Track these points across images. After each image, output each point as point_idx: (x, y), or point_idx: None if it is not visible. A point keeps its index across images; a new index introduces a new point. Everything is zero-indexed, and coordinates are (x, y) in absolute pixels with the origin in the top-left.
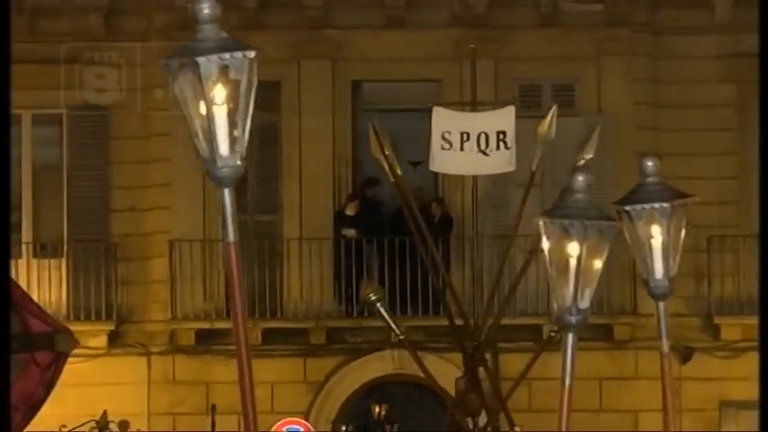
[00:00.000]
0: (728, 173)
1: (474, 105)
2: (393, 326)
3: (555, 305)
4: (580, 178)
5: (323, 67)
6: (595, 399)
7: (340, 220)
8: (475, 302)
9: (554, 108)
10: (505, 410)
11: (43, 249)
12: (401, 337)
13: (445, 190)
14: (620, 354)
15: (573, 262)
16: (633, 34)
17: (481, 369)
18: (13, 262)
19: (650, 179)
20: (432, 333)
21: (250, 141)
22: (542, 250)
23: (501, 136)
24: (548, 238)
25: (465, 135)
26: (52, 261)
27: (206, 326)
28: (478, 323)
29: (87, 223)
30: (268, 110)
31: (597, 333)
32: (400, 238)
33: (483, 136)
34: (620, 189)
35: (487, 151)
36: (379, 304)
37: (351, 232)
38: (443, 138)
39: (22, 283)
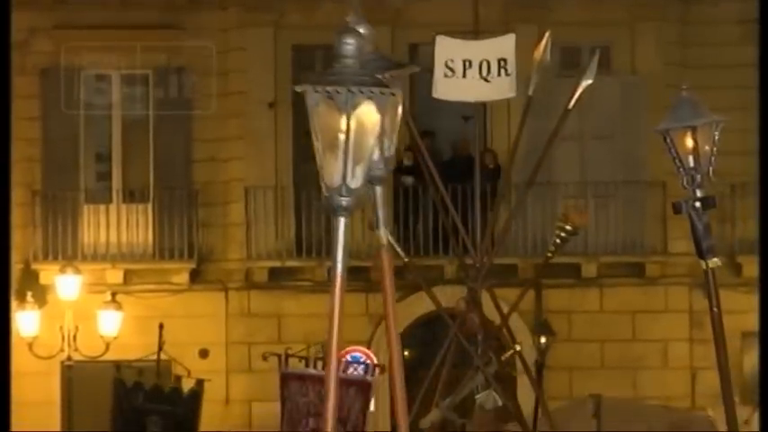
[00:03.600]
0: (749, 126)
1: (476, 34)
2: (398, 249)
3: (323, 185)
4: (348, 41)
5: (383, 32)
6: (629, 330)
7: (398, 169)
8: (473, 236)
9: (548, 34)
10: (508, 330)
11: (132, 195)
12: (406, 260)
13: (494, 141)
14: (651, 289)
15: (341, 136)
16: (664, 1)
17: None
18: (103, 207)
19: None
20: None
21: None
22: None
23: (502, 63)
24: (312, 110)
25: (467, 63)
26: (140, 206)
27: (278, 264)
28: (483, 253)
29: (171, 172)
30: None
31: (630, 270)
32: (452, 184)
33: (485, 63)
34: (652, 143)
35: (489, 78)
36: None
37: (408, 180)
38: (446, 66)
39: (113, 226)
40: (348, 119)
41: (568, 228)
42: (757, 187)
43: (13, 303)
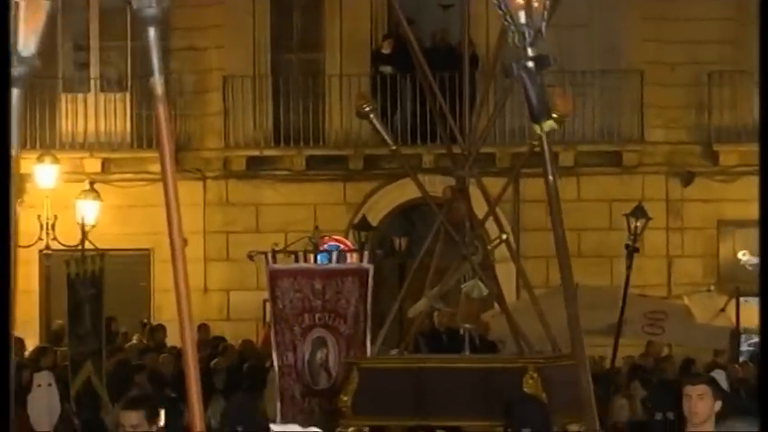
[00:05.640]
0: (727, 14)
1: None
2: (386, 136)
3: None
4: None
5: None
6: (605, 219)
7: (377, 57)
8: (464, 125)
9: None
10: (495, 218)
11: (109, 84)
12: (393, 148)
13: (471, 30)
14: (628, 178)
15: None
16: None
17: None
18: (81, 96)
19: None
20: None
21: None
22: None
23: None
24: None
25: None
26: (117, 95)
27: (256, 153)
28: (471, 141)
29: (149, 61)
30: None
31: (607, 159)
32: (431, 73)
33: None
34: (630, 31)
35: None
36: (372, 115)
37: (387, 69)
38: None
39: (91, 115)
40: None
41: (555, 115)
42: (732, 74)
43: None
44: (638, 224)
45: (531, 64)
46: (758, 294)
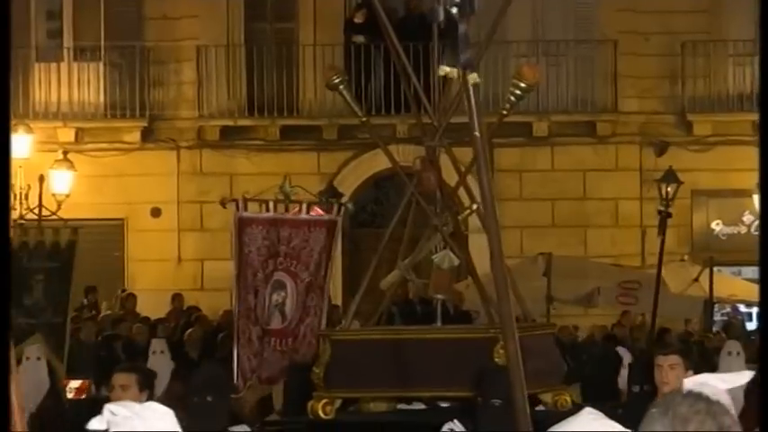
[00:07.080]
0: None
1: None
2: (355, 108)
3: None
4: None
5: None
6: (580, 188)
7: (350, 27)
8: (431, 95)
9: None
10: (466, 188)
11: (83, 53)
12: (363, 120)
13: None
14: (602, 148)
15: None
16: None
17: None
18: (54, 65)
19: None
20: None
21: None
22: None
23: None
24: None
25: None
26: (91, 64)
27: (229, 123)
28: (441, 112)
29: (123, 30)
30: None
31: (581, 129)
32: (404, 43)
33: None
34: (604, 1)
35: None
36: (341, 87)
37: (360, 38)
38: None
39: (64, 84)
40: None
41: (523, 85)
42: (705, 44)
43: None
44: (669, 189)
45: (455, 10)
46: (732, 264)
